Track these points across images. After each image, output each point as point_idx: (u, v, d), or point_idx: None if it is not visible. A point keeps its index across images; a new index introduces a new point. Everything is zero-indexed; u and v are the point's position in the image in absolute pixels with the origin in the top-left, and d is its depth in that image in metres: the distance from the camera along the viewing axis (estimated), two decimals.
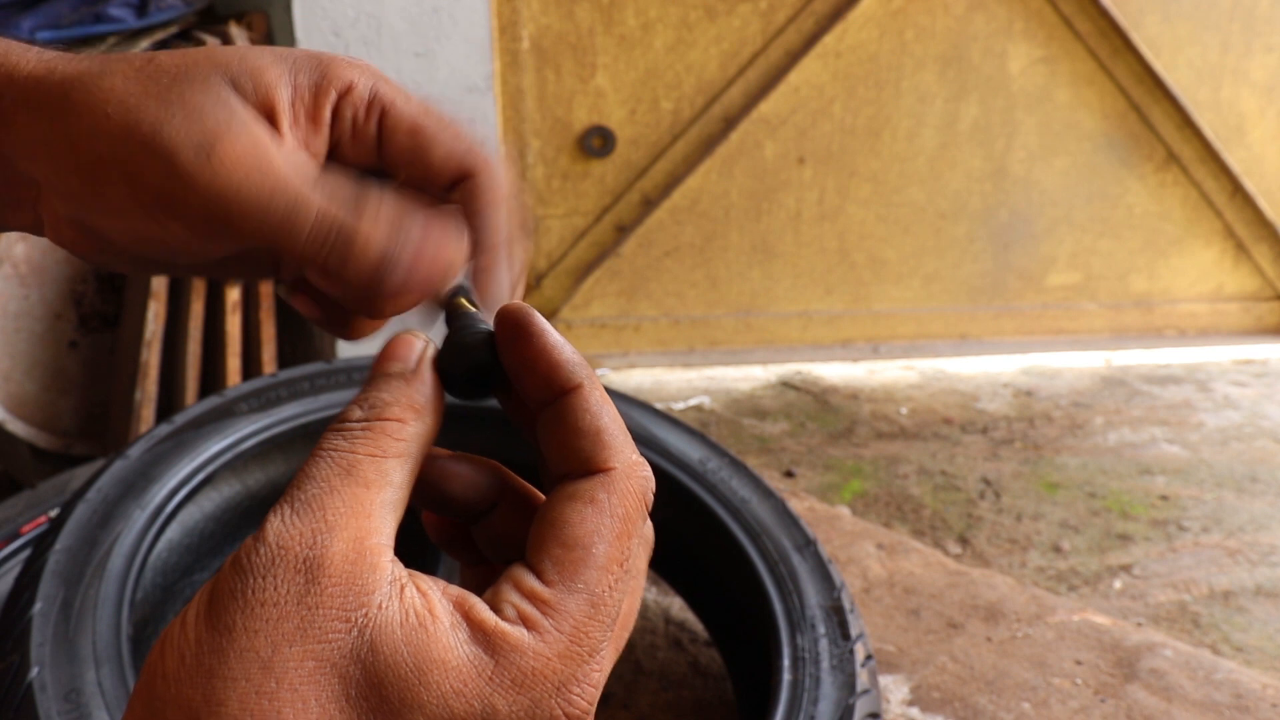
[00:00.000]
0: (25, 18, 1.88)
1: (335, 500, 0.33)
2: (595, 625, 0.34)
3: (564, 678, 0.33)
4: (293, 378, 1.27)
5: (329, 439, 0.35)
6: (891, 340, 2.78)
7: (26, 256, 1.92)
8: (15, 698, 0.88)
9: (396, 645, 0.31)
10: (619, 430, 0.37)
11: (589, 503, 0.35)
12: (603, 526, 0.35)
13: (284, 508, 0.32)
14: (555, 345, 0.37)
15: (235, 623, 0.30)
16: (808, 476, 2.10)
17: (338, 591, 0.31)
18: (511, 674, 0.32)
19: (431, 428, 0.37)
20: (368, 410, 0.36)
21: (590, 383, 0.37)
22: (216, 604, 0.31)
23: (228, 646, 0.30)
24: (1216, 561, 1.78)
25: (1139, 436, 2.29)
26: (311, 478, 0.33)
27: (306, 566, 0.31)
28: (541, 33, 2.40)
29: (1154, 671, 1.37)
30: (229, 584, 0.31)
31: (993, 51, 2.54)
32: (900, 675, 1.36)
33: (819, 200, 2.63)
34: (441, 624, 0.32)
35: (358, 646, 0.31)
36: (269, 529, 0.32)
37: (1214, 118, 2.64)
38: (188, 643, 0.31)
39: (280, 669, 0.30)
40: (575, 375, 0.37)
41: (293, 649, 0.30)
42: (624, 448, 0.37)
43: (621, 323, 2.69)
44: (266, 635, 0.30)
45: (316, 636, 0.30)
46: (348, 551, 0.32)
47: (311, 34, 1.97)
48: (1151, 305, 2.83)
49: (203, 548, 1.24)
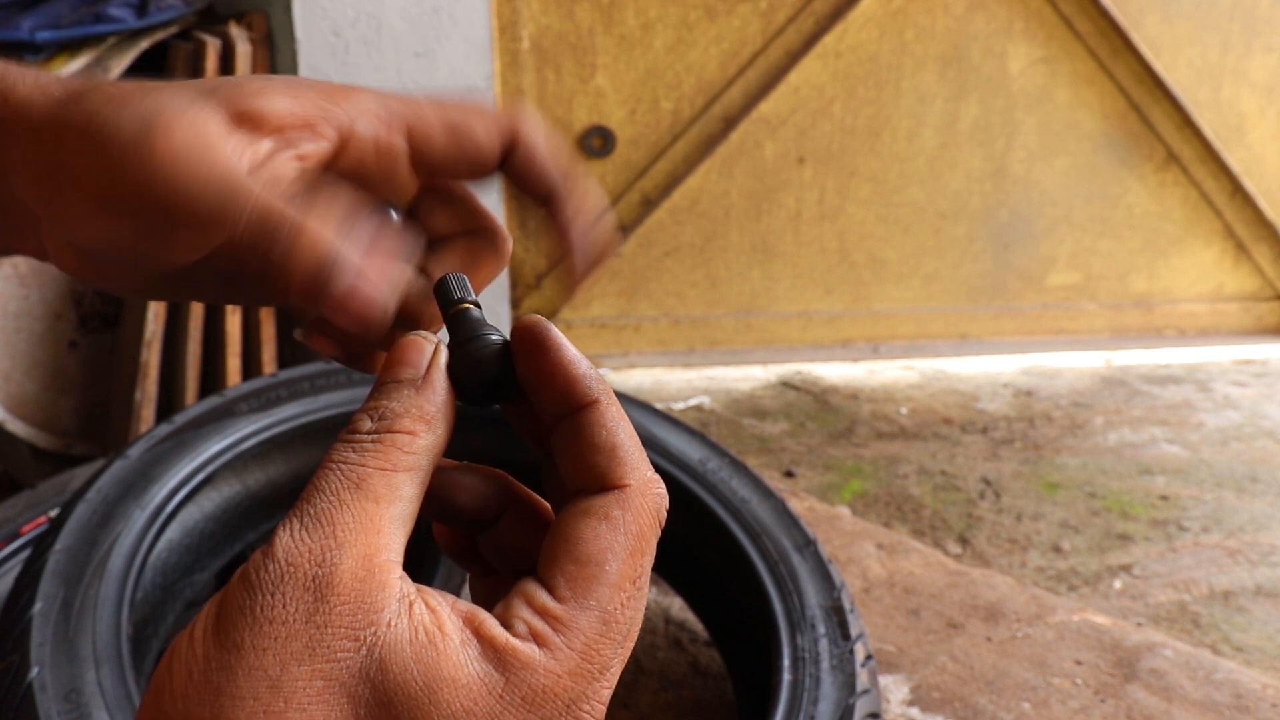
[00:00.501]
0: (25, 18, 1.88)
1: (344, 516, 0.32)
2: (606, 643, 0.34)
3: (574, 695, 0.32)
4: (293, 378, 1.27)
5: (339, 451, 0.34)
6: (891, 340, 2.78)
7: (26, 257, 1.92)
8: (15, 698, 0.88)
9: (406, 663, 0.31)
10: (635, 447, 0.37)
11: (603, 519, 0.35)
12: (616, 544, 0.35)
13: (293, 522, 0.32)
14: (573, 360, 0.37)
15: (243, 640, 0.30)
16: (808, 476, 2.10)
17: (346, 610, 0.31)
18: (522, 691, 0.32)
19: (442, 439, 0.37)
20: (377, 421, 0.35)
21: (607, 398, 0.37)
22: (225, 620, 0.31)
23: (236, 664, 0.30)
24: (1216, 561, 1.78)
25: (1139, 436, 2.29)
26: (321, 491, 0.33)
27: (315, 584, 0.31)
28: (541, 33, 2.40)
29: (1154, 671, 1.37)
30: (237, 600, 0.31)
31: (993, 51, 2.54)
32: (900, 675, 1.36)
33: (819, 200, 2.64)
34: (451, 641, 0.32)
35: (366, 665, 0.30)
36: (278, 545, 0.32)
37: (1214, 118, 2.64)
38: (195, 659, 0.30)
39: (289, 688, 0.30)
40: (592, 391, 0.37)
41: (301, 668, 0.30)
42: (639, 465, 0.37)
43: (621, 323, 2.69)
44: (275, 654, 0.30)
45: (325, 655, 0.30)
46: (356, 569, 0.31)
47: (311, 34, 1.97)
48: (1151, 305, 2.83)
49: (203, 548, 1.24)
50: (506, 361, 0.38)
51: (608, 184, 2.57)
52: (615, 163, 2.55)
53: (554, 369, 0.37)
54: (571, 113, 2.48)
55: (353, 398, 1.27)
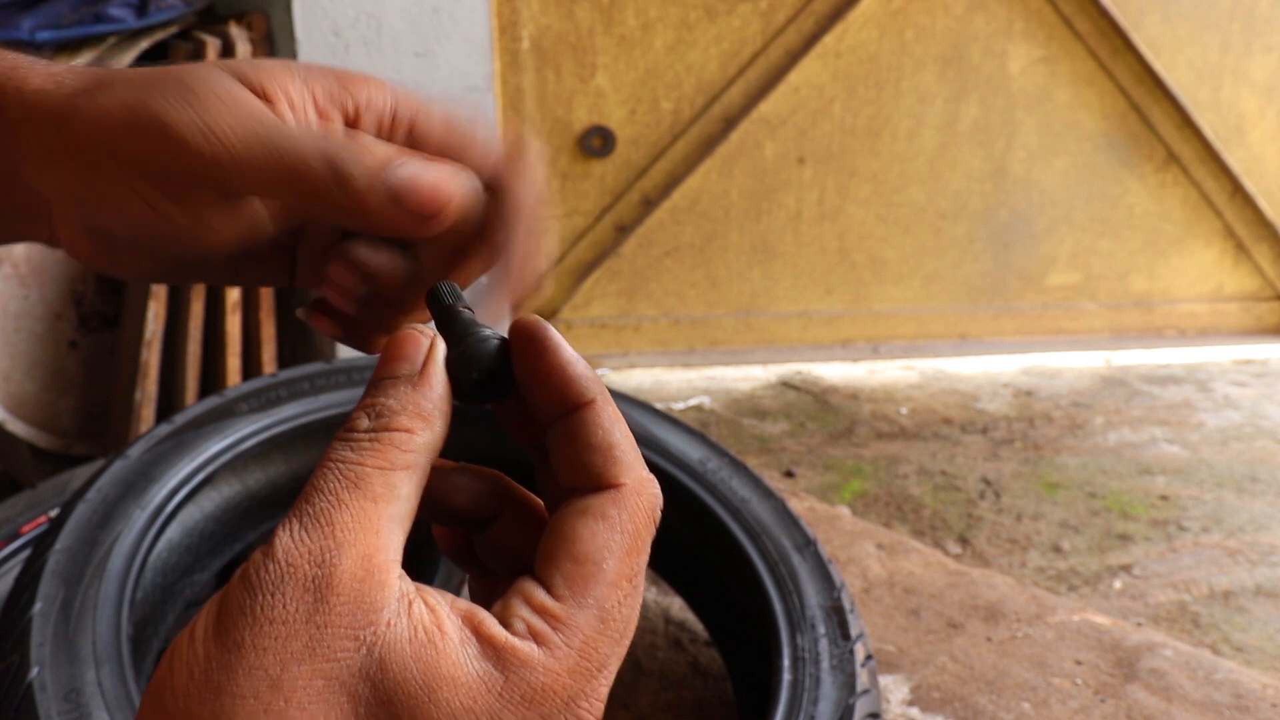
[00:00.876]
0: (25, 18, 1.88)
1: (343, 515, 0.33)
2: (604, 640, 0.34)
3: (573, 693, 0.33)
4: (293, 378, 1.27)
5: (337, 449, 0.35)
6: (891, 340, 2.78)
7: (26, 256, 1.92)
8: (15, 698, 0.88)
9: (405, 663, 0.31)
10: (630, 447, 0.37)
11: (600, 518, 0.36)
12: (613, 542, 0.35)
13: (292, 522, 0.32)
14: (570, 360, 0.37)
15: (244, 639, 0.30)
16: (808, 476, 2.10)
17: (346, 610, 0.31)
18: (521, 689, 0.32)
19: (440, 436, 0.37)
20: (374, 420, 0.36)
21: (603, 398, 0.38)
22: (225, 619, 0.31)
23: (236, 663, 0.30)
24: (1216, 561, 1.78)
25: (1139, 436, 2.29)
26: (320, 491, 0.33)
27: (315, 585, 0.31)
28: (541, 33, 2.40)
29: (1154, 671, 1.37)
30: (238, 599, 0.31)
31: (993, 51, 2.54)
32: (900, 675, 1.36)
33: (819, 200, 2.64)
34: (450, 640, 0.32)
35: (366, 665, 0.31)
36: (277, 545, 0.32)
37: (1214, 118, 2.64)
38: (196, 658, 0.31)
39: (289, 687, 0.30)
40: (589, 390, 0.37)
41: (301, 667, 0.30)
42: (635, 464, 0.37)
43: (621, 323, 2.69)
44: (275, 653, 0.30)
45: (325, 655, 0.30)
46: (356, 570, 0.32)
47: (311, 34, 1.97)
48: (1151, 305, 2.83)
49: (203, 548, 1.24)
50: (504, 358, 0.39)
51: (608, 184, 2.57)
52: (615, 163, 2.55)
53: (551, 368, 0.37)
54: (571, 113, 2.48)
55: (352, 398, 1.27)
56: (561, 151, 2.52)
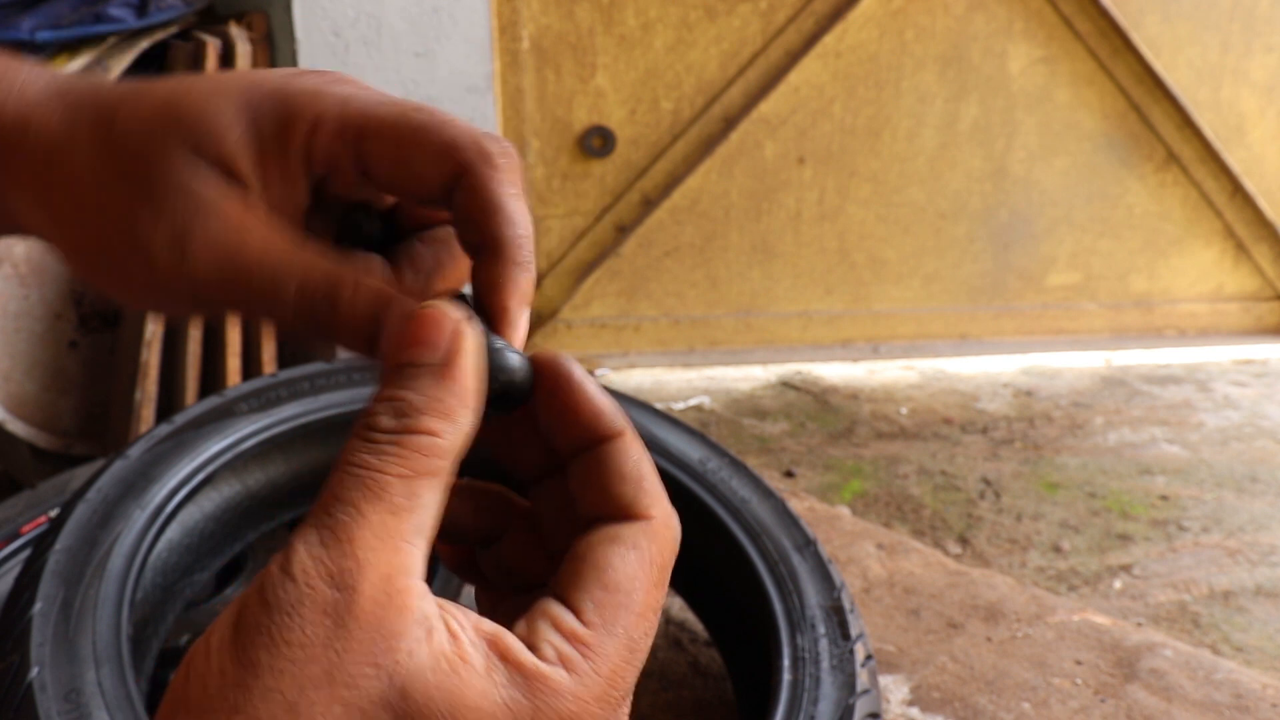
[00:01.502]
0: (25, 18, 1.88)
1: (363, 531, 0.31)
2: (630, 669, 0.34)
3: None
4: (293, 378, 1.27)
5: (356, 453, 0.33)
6: (891, 340, 2.78)
7: (26, 256, 1.92)
8: (15, 698, 0.88)
9: (428, 691, 0.30)
10: (657, 480, 0.38)
11: (632, 548, 0.36)
12: (642, 573, 0.35)
13: (310, 534, 0.32)
14: (596, 394, 0.38)
15: (260, 660, 0.30)
16: (808, 476, 2.10)
17: (366, 637, 0.30)
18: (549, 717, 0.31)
19: (467, 436, 0.35)
20: (398, 419, 0.34)
21: (631, 431, 0.38)
22: (242, 636, 0.30)
23: (253, 684, 0.30)
24: (1216, 561, 1.78)
25: (1139, 436, 2.29)
26: (339, 500, 0.32)
27: (335, 609, 0.30)
28: (541, 33, 2.40)
29: (1154, 671, 1.37)
30: (255, 618, 0.30)
31: (993, 51, 2.54)
32: (900, 675, 1.36)
33: (819, 200, 2.64)
34: (474, 668, 0.31)
35: (387, 693, 0.30)
36: (295, 562, 0.31)
37: (1214, 118, 2.64)
38: (211, 673, 0.30)
39: (307, 712, 0.29)
40: (618, 423, 0.38)
41: (319, 692, 0.30)
42: (662, 498, 0.37)
43: (621, 323, 2.69)
44: (293, 676, 0.29)
45: (344, 682, 0.30)
46: (376, 594, 0.31)
47: (311, 34, 1.97)
48: (1151, 305, 2.83)
49: (203, 548, 1.24)
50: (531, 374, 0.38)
51: (608, 184, 2.57)
52: (615, 163, 2.55)
53: (580, 402, 0.38)
54: (571, 113, 2.48)
55: (353, 398, 1.27)
56: (561, 151, 2.52)
